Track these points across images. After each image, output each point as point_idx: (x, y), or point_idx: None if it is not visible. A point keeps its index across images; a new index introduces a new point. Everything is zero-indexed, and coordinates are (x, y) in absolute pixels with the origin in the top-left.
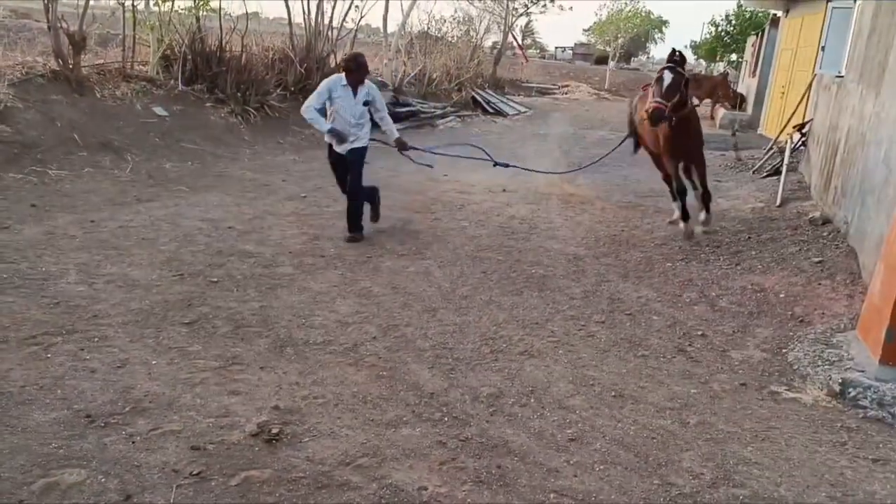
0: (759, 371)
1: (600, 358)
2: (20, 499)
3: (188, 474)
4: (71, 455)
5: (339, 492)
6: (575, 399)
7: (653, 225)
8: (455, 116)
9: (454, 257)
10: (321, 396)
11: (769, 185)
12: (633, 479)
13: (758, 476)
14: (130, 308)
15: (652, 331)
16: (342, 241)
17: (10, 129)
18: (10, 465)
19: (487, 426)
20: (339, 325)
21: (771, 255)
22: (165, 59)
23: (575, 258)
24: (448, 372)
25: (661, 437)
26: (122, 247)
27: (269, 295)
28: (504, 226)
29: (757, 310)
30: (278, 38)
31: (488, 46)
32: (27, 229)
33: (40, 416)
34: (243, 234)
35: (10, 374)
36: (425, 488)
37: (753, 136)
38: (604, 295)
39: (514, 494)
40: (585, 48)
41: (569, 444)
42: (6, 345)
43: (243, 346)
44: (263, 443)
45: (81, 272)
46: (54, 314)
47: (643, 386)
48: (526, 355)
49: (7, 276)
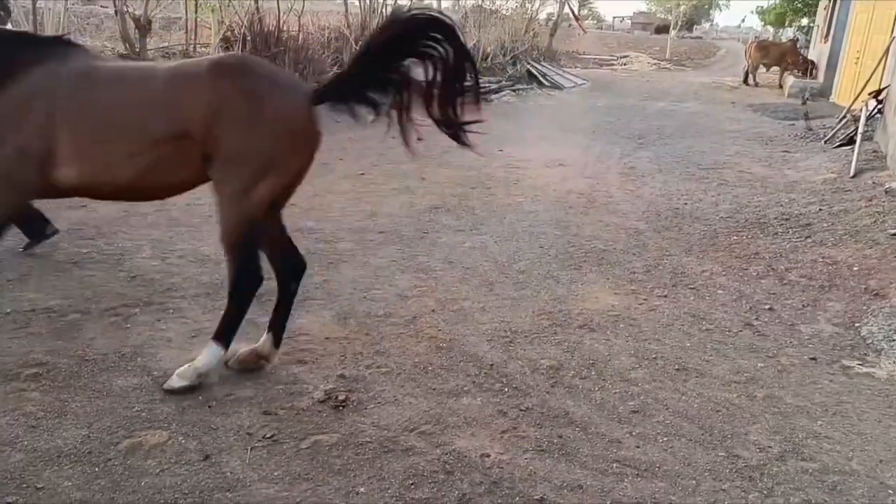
0: (830, 345)
1: (663, 332)
2: (108, 457)
3: (261, 437)
4: (153, 418)
5: (404, 456)
6: (637, 372)
7: (717, 198)
8: (510, 91)
9: (510, 232)
10: (384, 366)
11: (842, 156)
12: (698, 450)
13: (828, 450)
14: (202, 281)
15: (717, 305)
16: (401, 216)
17: None
18: (97, 426)
19: (548, 397)
20: (399, 299)
21: (843, 227)
22: (226, 41)
23: (635, 232)
24: (507, 344)
25: (726, 411)
26: (191, 224)
27: (331, 269)
28: (561, 200)
29: (828, 283)
30: (334, 16)
31: (543, 18)
32: (102, 207)
33: (123, 381)
34: (305, 212)
35: (94, 343)
36: (487, 455)
37: (825, 105)
38: (666, 269)
39: (576, 463)
40: (645, 17)
41: (631, 415)
42: (89, 315)
43: (309, 318)
44: (331, 409)
45: (155, 248)
46: (131, 287)
47: (708, 360)
48: (585, 329)
49: (86, 251)
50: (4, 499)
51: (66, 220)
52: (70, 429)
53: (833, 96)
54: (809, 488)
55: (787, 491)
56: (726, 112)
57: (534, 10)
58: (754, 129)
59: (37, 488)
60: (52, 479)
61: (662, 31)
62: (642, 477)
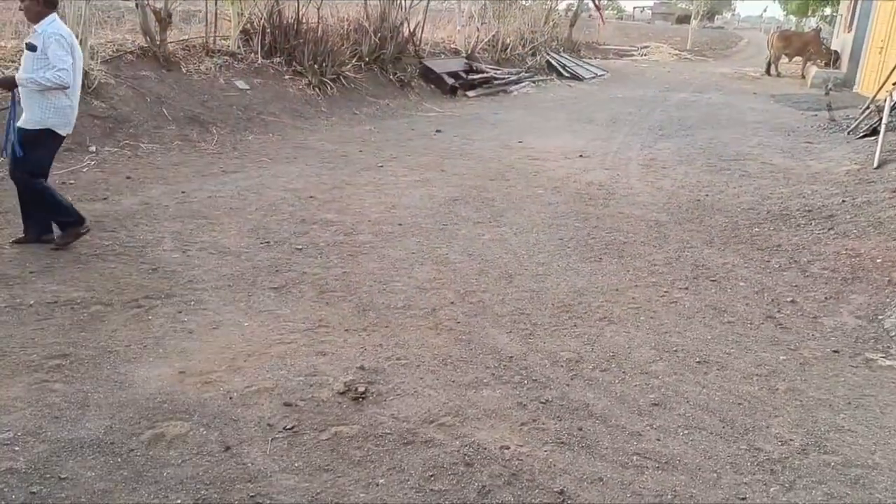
0: (853, 338)
1: (684, 324)
2: (130, 448)
3: (282, 428)
4: (175, 409)
5: (424, 448)
6: (657, 365)
7: (739, 189)
8: (530, 82)
9: (530, 224)
10: (403, 358)
11: (866, 147)
12: (719, 443)
13: (850, 443)
14: (222, 273)
15: (738, 297)
16: (420, 209)
17: (104, 104)
18: (120, 416)
19: (568, 389)
20: (418, 291)
21: (867, 218)
22: (245, 34)
23: (656, 224)
24: (526, 337)
25: (748, 403)
26: (211, 216)
27: (351, 261)
28: (581, 192)
29: (851, 276)
30: (353, 8)
31: (563, 9)
32: (124, 200)
33: (145, 372)
34: (324, 204)
35: (116, 335)
36: (507, 447)
37: (848, 95)
38: (687, 261)
39: (596, 456)
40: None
41: (651, 408)
42: (111, 307)
43: (328, 310)
44: (351, 400)
45: (176, 240)
46: (153, 279)
47: (729, 352)
48: (606, 321)
49: (108, 243)
50: (29, 489)
51: (87, 212)
52: (93, 419)
53: (856, 87)
54: (832, 481)
55: (809, 484)
56: (748, 103)
57: (553, 1)
58: (776, 120)
59: (60, 478)
60: (75, 470)
61: (683, 21)
62: (663, 469)
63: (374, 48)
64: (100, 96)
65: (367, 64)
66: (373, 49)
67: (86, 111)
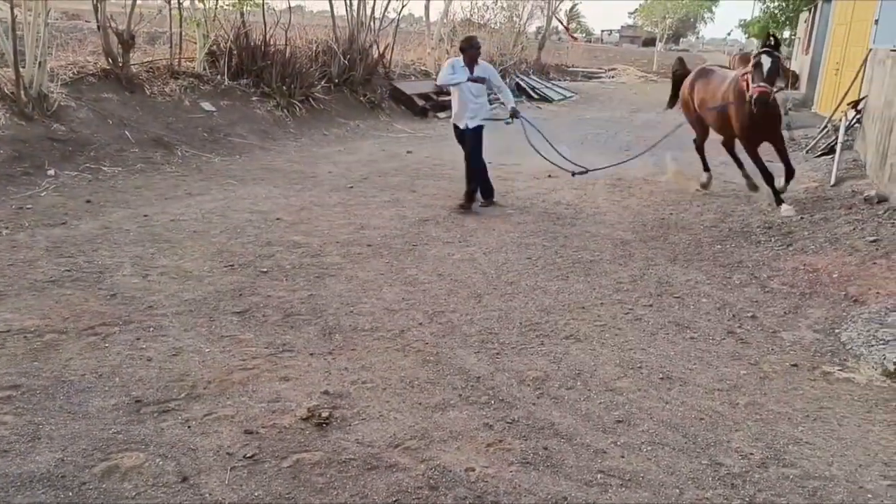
0: (811, 352)
1: (648, 341)
2: (83, 481)
3: (242, 457)
4: (130, 439)
5: (389, 473)
6: (622, 381)
7: (702, 208)
8: (499, 103)
9: (499, 244)
10: (369, 381)
11: (823, 165)
12: (681, 459)
13: (809, 455)
14: (184, 298)
15: (701, 313)
16: (390, 229)
17: (64, 127)
18: (72, 449)
19: (534, 408)
20: (387, 312)
21: (824, 234)
22: (211, 55)
23: (622, 242)
24: (494, 356)
25: (709, 418)
26: (174, 240)
27: (318, 284)
28: (549, 211)
29: (809, 290)
30: (321, 30)
31: (532, 32)
32: (83, 224)
33: (100, 402)
34: (291, 226)
35: (71, 364)
36: (472, 469)
37: (807, 115)
38: (652, 278)
39: (561, 475)
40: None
41: (616, 425)
42: (66, 335)
43: (293, 334)
44: (314, 426)
45: (136, 265)
46: (111, 305)
47: (691, 368)
48: (572, 339)
49: (66, 269)
50: None
51: (45, 237)
52: (44, 452)
53: (814, 106)
54: (790, 494)
55: (769, 498)
56: None
57: (522, 24)
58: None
59: None
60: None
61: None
62: (626, 487)
63: (343, 70)
64: (60, 119)
65: (336, 85)
66: (342, 70)
67: (45, 134)
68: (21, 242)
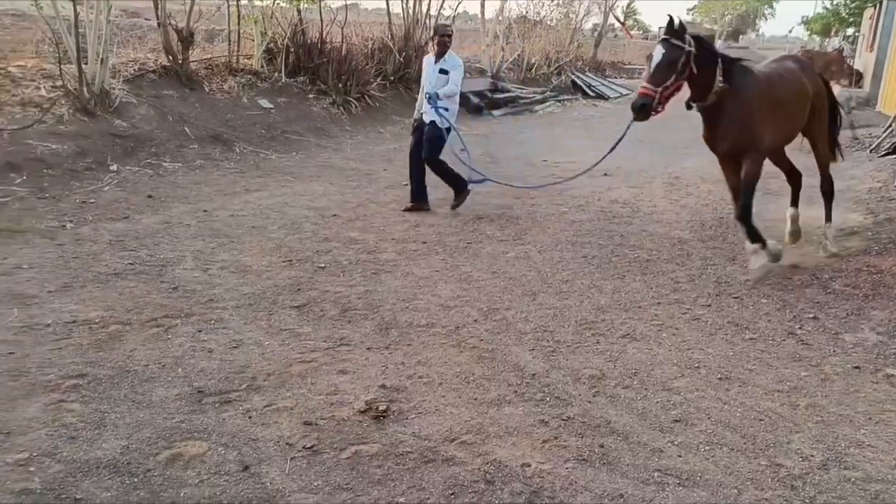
0: (874, 354)
1: (706, 341)
2: (147, 468)
3: (301, 448)
4: (192, 429)
5: (445, 466)
6: (679, 381)
7: (763, 207)
8: (555, 101)
9: (554, 242)
10: (425, 376)
11: (888, 165)
12: (740, 460)
13: (871, 458)
14: (243, 292)
15: (760, 314)
16: (444, 226)
17: (125, 123)
18: (137, 437)
19: (589, 406)
20: (442, 309)
21: (889, 235)
22: (269, 53)
23: (680, 242)
24: (549, 354)
25: (769, 420)
26: (233, 235)
27: (374, 280)
28: (605, 210)
29: (872, 292)
30: (377, 27)
31: (588, 28)
32: (145, 219)
33: (163, 392)
34: (348, 222)
35: (135, 354)
36: (528, 465)
37: (871, 114)
38: (710, 278)
39: (617, 472)
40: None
41: (673, 425)
42: (130, 327)
43: (350, 328)
44: (371, 419)
45: (197, 259)
46: (173, 298)
47: (751, 369)
48: (628, 338)
49: (128, 262)
50: None
51: (108, 231)
52: (110, 439)
53: (879, 105)
54: (852, 497)
55: (830, 500)
56: None
57: (578, 21)
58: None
59: (76, 499)
60: (90, 490)
61: None
62: (684, 486)
63: (398, 67)
64: (121, 115)
65: (391, 83)
66: (397, 68)
67: (107, 130)
68: (85, 236)
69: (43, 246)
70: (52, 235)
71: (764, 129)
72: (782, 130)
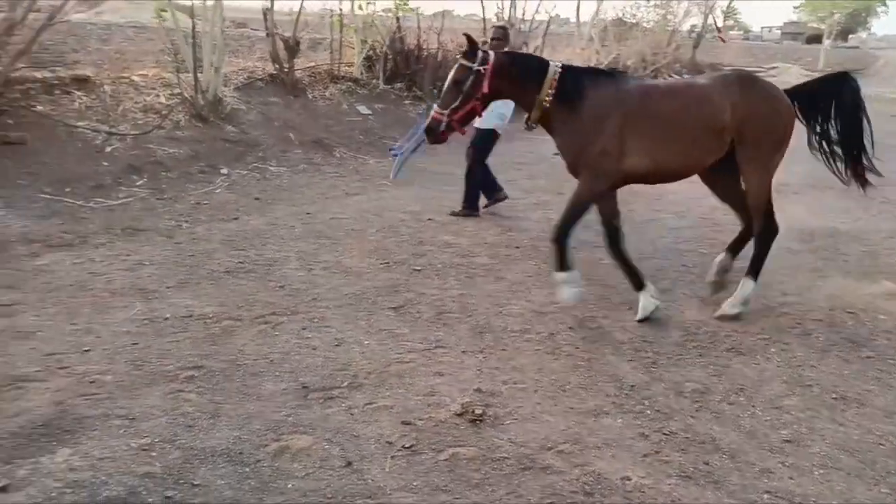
0: None
1: (818, 358)
2: (258, 458)
3: (401, 447)
4: (298, 423)
5: (543, 475)
6: (790, 399)
7: (878, 217)
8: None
9: (652, 249)
10: (521, 382)
11: None
12: (858, 485)
13: None
14: (344, 293)
15: (878, 331)
16: (537, 231)
17: (235, 129)
18: (248, 428)
19: (693, 422)
20: (536, 315)
21: None
22: (368, 60)
23: (788, 252)
24: (649, 365)
25: (890, 444)
26: (334, 237)
27: (468, 283)
28: (706, 217)
29: None
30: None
31: (686, 30)
32: (253, 220)
33: (272, 386)
34: (442, 226)
35: (245, 349)
36: (629, 479)
37: None
38: (821, 291)
39: (724, 492)
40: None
41: (784, 445)
42: (240, 322)
43: (446, 331)
44: (468, 422)
45: (301, 259)
46: (279, 296)
47: (868, 389)
48: (734, 352)
49: (238, 261)
50: (164, 493)
51: (220, 231)
52: (223, 430)
53: None
54: None
55: None
56: (888, 125)
57: (676, 23)
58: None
59: (193, 485)
60: (206, 477)
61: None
62: None
63: None
64: (232, 121)
65: None
66: None
67: (219, 135)
68: (199, 235)
69: (162, 244)
70: (170, 234)
71: (603, 145)
72: (662, 153)
